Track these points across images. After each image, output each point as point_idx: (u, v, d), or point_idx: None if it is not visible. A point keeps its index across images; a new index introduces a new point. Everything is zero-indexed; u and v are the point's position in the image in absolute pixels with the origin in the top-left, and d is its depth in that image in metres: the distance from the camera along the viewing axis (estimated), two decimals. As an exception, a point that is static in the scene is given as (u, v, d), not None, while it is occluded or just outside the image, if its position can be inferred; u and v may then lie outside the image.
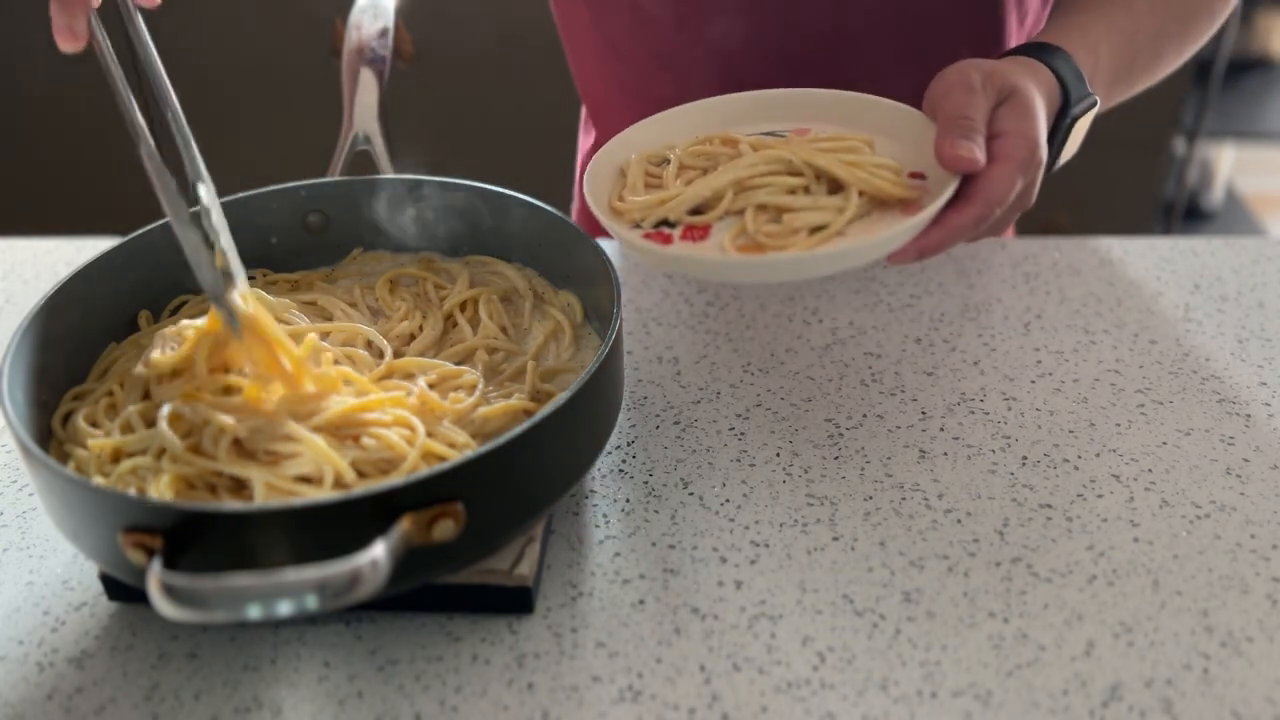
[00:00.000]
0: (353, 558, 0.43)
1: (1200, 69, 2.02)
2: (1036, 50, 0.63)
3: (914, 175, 0.58)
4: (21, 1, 1.86)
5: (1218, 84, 2.02)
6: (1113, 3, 0.68)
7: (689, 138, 0.63)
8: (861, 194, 0.56)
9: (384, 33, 0.77)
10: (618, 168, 0.62)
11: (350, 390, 0.54)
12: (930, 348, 0.72)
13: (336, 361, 0.57)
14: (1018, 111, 0.58)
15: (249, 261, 0.67)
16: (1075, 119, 0.62)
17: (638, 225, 0.57)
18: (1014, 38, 0.80)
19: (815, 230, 0.55)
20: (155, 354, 0.54)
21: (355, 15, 0.78)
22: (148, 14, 0.55)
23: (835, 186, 0.57)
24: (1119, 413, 0.66)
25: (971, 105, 0.57)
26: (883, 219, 0.56)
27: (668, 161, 0.61)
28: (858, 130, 0.62)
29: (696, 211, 0.58)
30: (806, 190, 0.57)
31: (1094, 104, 0.63)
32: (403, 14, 0.83)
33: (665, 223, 0.57)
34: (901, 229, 0.52)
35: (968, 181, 0.56)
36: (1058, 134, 0.62)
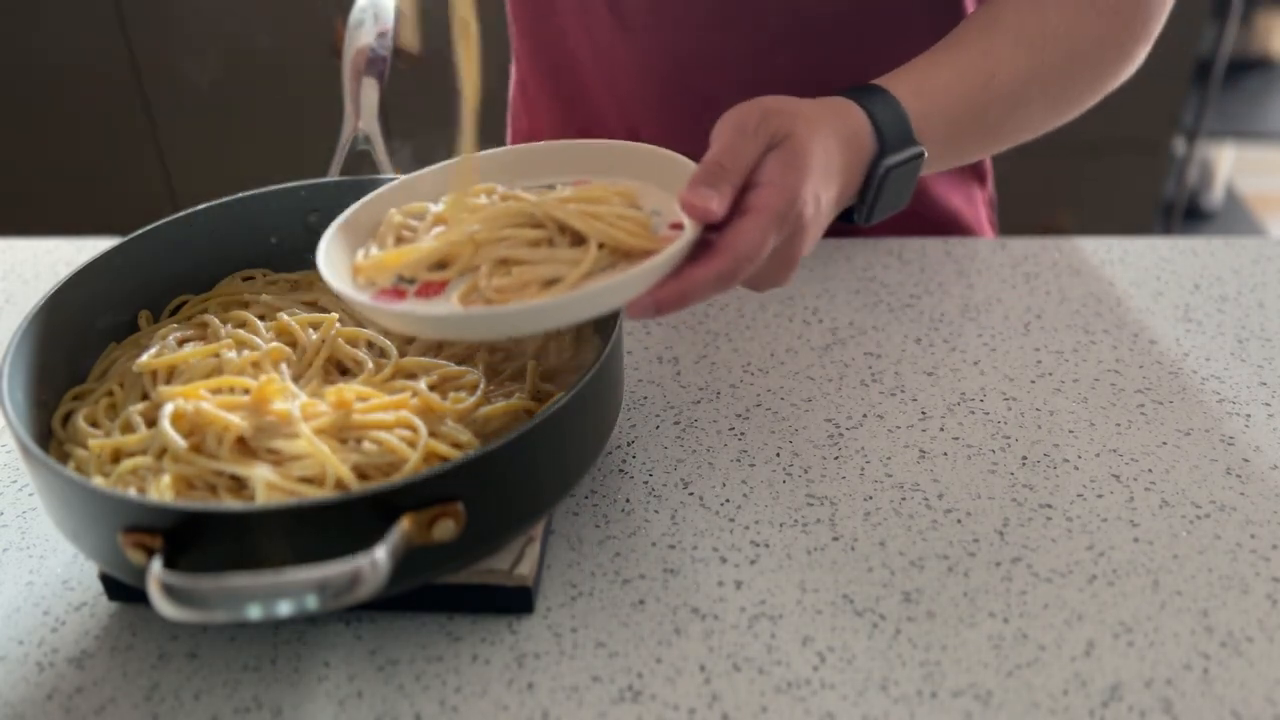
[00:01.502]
0: (353, 558, 0.43)
1: (1200, 69, 2.02)
2: (859, 92, 0.59)
3: (675, 226, 0.55)
4: (21, 2, 1.86)
5: (1218, 84, 2.02)
6: (971, 46, 0.63)
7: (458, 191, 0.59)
8: (603, 246, 0.53)
9: (384, 34, 0.77)
10: (378, 222, 0.59)
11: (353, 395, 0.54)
12: (930, 348, 0.72)
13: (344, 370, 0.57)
14: (784, 162, 0.53)
15: (249, 262, 0.68)
16: (890, 169, 0.58)
17: (374, 283, 0.55)
18: None
19: (550, 283, 0.52)
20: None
21: (355, 16, 0.78)
22: (143, 13, 0.55)
23: (579, 239, 0.54)
24: (1119, 413, 0.66)
25: (732, 151, 0.52)
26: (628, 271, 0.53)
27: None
28: (633, 179, 0.59)
29: (442, 267, 0.55)
30: (550, 243, 0.54)
31: (918, 154, 0.59)
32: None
33: (404, 279, 0.55)
34: (624, 279, 0.49)
35: (718, 233, 0.52)
36: (871, 183, 0.58)
